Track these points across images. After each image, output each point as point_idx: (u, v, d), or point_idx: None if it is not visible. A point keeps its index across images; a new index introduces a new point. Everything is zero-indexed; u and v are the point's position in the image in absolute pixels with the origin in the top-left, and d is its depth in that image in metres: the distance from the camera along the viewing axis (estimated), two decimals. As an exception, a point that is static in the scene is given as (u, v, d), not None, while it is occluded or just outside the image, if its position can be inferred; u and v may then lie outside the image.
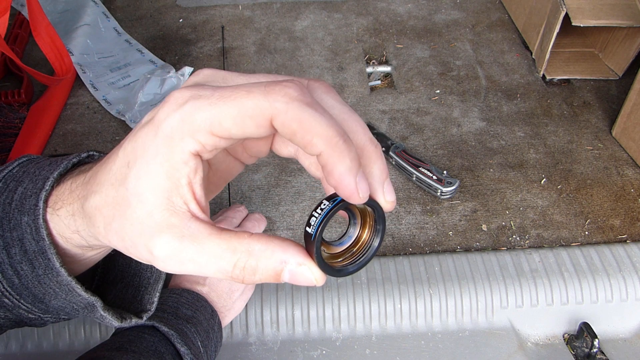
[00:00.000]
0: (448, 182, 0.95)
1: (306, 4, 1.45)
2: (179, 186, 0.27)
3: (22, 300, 0.34)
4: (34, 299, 0.34)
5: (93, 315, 0.35)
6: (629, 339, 0.83)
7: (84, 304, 0.34)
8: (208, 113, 0.25)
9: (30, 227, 0.31)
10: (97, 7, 1.39)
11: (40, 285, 0.33)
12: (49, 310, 0.35)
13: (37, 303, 0.34)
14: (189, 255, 0.26)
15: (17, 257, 0.32)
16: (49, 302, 0.34)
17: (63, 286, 0.32)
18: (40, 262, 0.32)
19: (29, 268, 0.32)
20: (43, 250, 0.31)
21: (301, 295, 0.82)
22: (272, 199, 0.97)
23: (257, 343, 0.81)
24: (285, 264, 0.26)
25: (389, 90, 1.21)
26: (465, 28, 1.39)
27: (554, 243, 0.91)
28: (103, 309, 0.34)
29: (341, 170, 0.25)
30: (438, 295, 0.82)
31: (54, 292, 0.33)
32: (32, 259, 0.32)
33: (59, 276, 0.32)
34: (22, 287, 0.33)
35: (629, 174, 1.02)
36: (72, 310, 0.35)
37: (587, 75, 1.24)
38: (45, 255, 0.31)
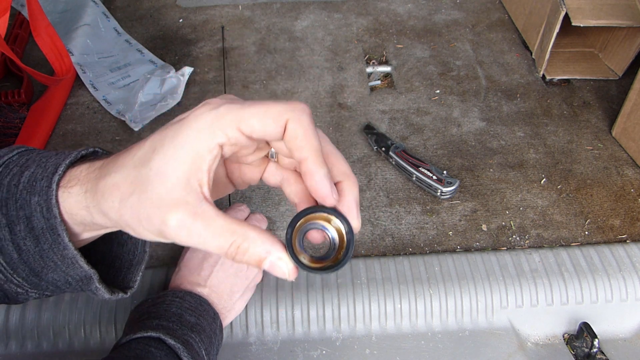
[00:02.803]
0: (448, 182, 0.95)
1: (306, 4, 1.45)
2: (199, 171, 0.32)
3: (14, 275, 0.37)
4: (29, 273, 0.37)
5: (86, 288, 0.39)
6: (629, 339, 0.83)
7: (81, 276, 0.37)
8: (238, 112, 0.32)
9: (40, 207, 0.35)
10: (97, 7, 1.39)
11: (41, 259, 0.36)
12: (40, 285, 0.38)
13: (31, 277, 0.37)
14: (197, 230, 0.31)
15: (21, 234, 0.35)
16: (44, 276, 0.37)
17: (66, 259, 0.36)
18: (47, 238, 0.35)
19: (33, 244, 0.36)
20: (53, 227, 0.35)
21: (301, 295, 0.82)
22: (272, 199, 0.97)
23: (257, 343, 0.81)
24: (269, 254, 0.32)
25: (389, 90, 1.21)
26: (465, 28, 1.39)
27: (554, 243, 0.91)
28: (99, 282, 0.38)
29: (321, 175, 0.34)
30: (438, 295, 0.82)
31: (54, 266, 0.37)
32: (38, 235, 0.35)
33: (66, 250, 0.36)
34: (19, 262, 0.36)
35: (629, 174, 1.02)
36: (64, 284, 0.39)
37: (587, 75, 1.24)
38: (54, 232, 0.35)
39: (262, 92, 1.20)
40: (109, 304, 0.80)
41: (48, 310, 0.80)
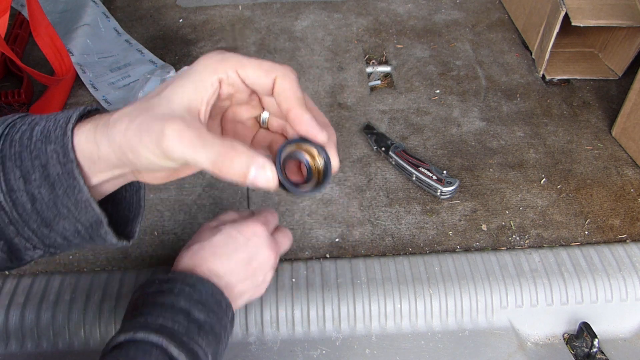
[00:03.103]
0: (448, 182, 0.95)
1: (306, 4, 1.45)
2: (200, 99, 0.37)
3: (25, 227, 0.39)
4: (40, 224, 0.39)
5: (95, 234, 0.41)
6: (628, 339, 0.83)
7: (91, 222, 0.40)
8: (239, 60, 0.38)
9: (57, 153, 0.37)
10: (97, 7, 1.39)
11: (54, 207, 0.38)
12: (49, 237, 0.40)
13: (42, 228, 0.39)
14: (190, 139, 0.35)
15: (35, 182, 0.38)
16: (55, 225, 0.39)
17: (80, 203, 0.38)
18: (62, 183, 0.38)
19: (48, 191, 0.38)
20: (69, 171, 0.37)
21: (301, 295, 0.82)
22: (272, 199, 0.97)
23: (257, 343, 0.81)
24: (253, 163, 0.35)
25: (389, 90, 1.21)
26: (465, 28, 1.39)
27: (553, 243, 0.91)
28: (108, 225, 0.41)
29: (308, 117, 0.39)
30: (438, 295, 0.82)
31: (67, 213, 0.39)
32: (53, 182, 0.37)
33: (80, 193, 0.38)
34: (32, 212, 0.38)
35: (629, 173, 1.02)
36: (72, 234, 0.40)
37: (587, 75, 1.24)
38: (70, 175, 0.37)
39: (262, 92, 1.20)
40: (109, 305, 0.80)
41: (48, 310, 0.80)
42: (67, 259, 0.88)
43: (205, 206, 0.96)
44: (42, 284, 0.83)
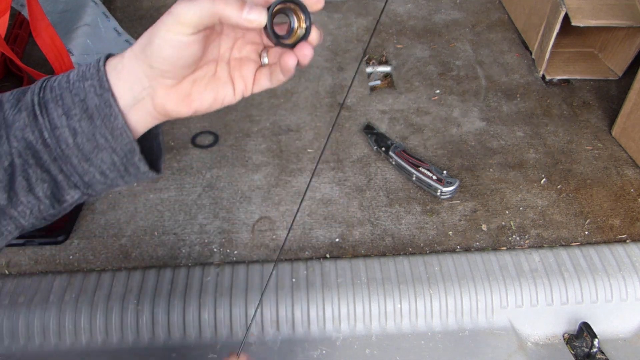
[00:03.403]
0: (448, 182, 0.95)
1: (306, 4, 1.45)
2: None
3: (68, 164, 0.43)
4: (81, 158, 0.43)
5: (129, 164, 0.44)
6: (628, 339, 0.83)
7: (126, 150, 0.43)
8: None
9: (94, 87, 0.42)
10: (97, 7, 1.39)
11: (93, 138, 0.42)
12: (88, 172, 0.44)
13: (82, 163, 0.43)
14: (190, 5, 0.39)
15: (76, 116, 0.42)
16: (94, 158, 0.43)
17: (115, 130, 0.42)
18: (99, 113, 0.42)
19: (87, 123, 0.42)
20: (106, 100, 0.41)
21: (301, 295, 0.82)
22: (272, 199, 0.97)
23: (257, 343, 0.81)
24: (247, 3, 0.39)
25: (389, 90, 1.21)
26: (465, 28, 1.39)
27: (553, 243, 0.91)
28: (140, 152, 0.44)
29: None
30: (438, 295, 0.82)
31: (104, 142, 0.42)
32: (92, 113, 0.42)
33: (116, 120, 0.42)
34: (74, 146, 0.42)
35: (629, 173, 1.02)
36: (109, 166, 0.44)
37: (587, 75, 1.24)
38: (107, 104, 0.42)
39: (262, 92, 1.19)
40: (110, 304, 0.80)
41: (49, 310, 0.80)
42: (67, 259, 0.88)
43: (205, 206, 0.96)
44: (42, 284, 0.83)
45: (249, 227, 0.93)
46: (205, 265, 0.87)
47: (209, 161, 1.04)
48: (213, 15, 0.39)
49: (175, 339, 0.80)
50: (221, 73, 0.46)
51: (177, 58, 0.42)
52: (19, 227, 0.45)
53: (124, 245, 0.90)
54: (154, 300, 0.81)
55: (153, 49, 0.41)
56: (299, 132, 1.10)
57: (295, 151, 1.06)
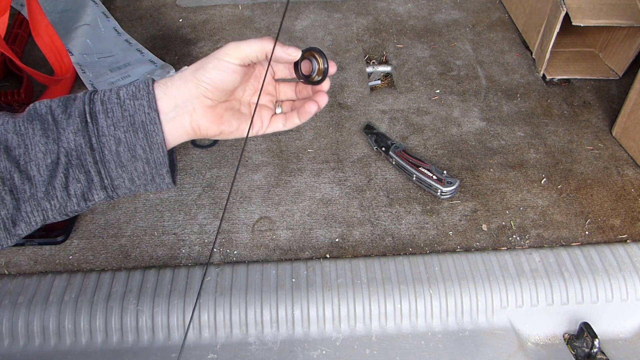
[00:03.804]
0: (448, 182, 0.95)
1: (306, 4, 1.45)
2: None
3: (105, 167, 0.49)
4: (118, 164, 0.50)
5: (157, 174, 0.52)
6: (629, 339, 0.83)
7: (158, 162, 0.51)
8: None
9: (143, 107, 0.49)
10: (97, 7, 1.39)
11: (133, 148, 0.49)
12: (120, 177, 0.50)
13: (118, 169, 0.50)
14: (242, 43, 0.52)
15: (123, 128, 0.49)
16: (129, 166, 0.50)
17: (154, 144, 0.50)
18: (144, 128, 0.49)
19: (131, 135, 0.49)
20: (152, 118, 0.49)
21: (301, 295, 0.82)
22: (272, 199, 0.97)
23: (257, 343, 0.81)
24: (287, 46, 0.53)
25: (389, 90, 1.21)
26: (465, 28, 1.39)
27: (554, 243, 0.90)
28: (171, 167, 0.53)
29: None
30: (438, 295, 0.82)
31: (142, 153, 0.50)
32: (137, 127, 0.49)
33: (157, 136, 0.50)
34: (115, 153, 0.49)
35: (629, 173, 1.02)
36: (139, 174, 0.51)
37: (587, 75, 1.24)
38: (153, 121, 0.49)
39: (262, 92, 1.20)
40: (110, 304, 0.80)
41: (49, 310, 0.80)
42: (67, 259, 0.88)
43: (205, 206, 0.96)
44: (42, 284, 0.83)
45: (249, 227, 0.93)
46: (205, 265, 0.87)
47: (209, 161, 1.04)
48: (261, 50, 0.52)
49: (175, 339, 0.80)
50: (244, 110, 0.57)
51: (220, 81, 0.51)
52: (45, 219, 0.50)
53: (123, 245, 0.90)
54: (154, 300, 0.81)
55: (205, 71, 0.51)
56: (299, 132, 1.10)
57: (295, 151, 1.06)
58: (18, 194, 0.48)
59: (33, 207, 0.49)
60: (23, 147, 0.48)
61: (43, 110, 0.49)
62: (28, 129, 0.48)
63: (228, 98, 0.55)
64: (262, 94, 0.58)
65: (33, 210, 0.49)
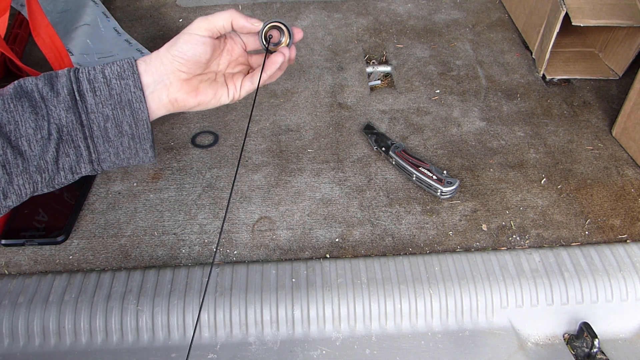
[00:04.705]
0: (448, 182, 0.95)
1: (306, 3, 1.45)
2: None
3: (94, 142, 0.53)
4: (105, 139, 0.53)
5: (141, 147, 0.55)
6: (629, 339, 0.83)
7: (142, 137, 0.54)
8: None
9: (129, 85, 0.53)
10: (97, 7, 1.39)
11: (120, 124, 0.53)
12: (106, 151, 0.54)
13: (105, 144, 0.53)
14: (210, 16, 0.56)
15: (111, 106, 0.52)
16: (116, 141, 0.53)
17: (140, 121, 0.54)
18: (131, 106, 0.53)
19: (119, 112, 0.53)
20: (138, 97, 0.53)
21: (301, 295, 0.82)
22: (272, 199, 0.97)
23: (257, 343, 0.81)
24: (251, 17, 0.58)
25: (389, 90, 1.21)
26: (465, 28, 1.39)
27: (554, 243, 0.91)
28: (154, 138, 0.56)
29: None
30: (438, 295, 0.82)
31: (128, 129, 0.53)
32: (124, 105, 0.53)
33: (143, 113, 0.53)
34: (103, 129, 0.52)
35: (629, 173, 1.02)
36: (125, 149, 0.54)
37: (587, 75, 1.24)
38: (138, 99, 0.53)
39: (262, 92, 1.20)
40: (110, 304, 0.80)
41: (49, 310, 0.80)
42: (67, 259, 0.88)
43: (205, 206, 0.96)
44: (42, 284, 0.83)
45: (249, 227, 0.93)
46: (205, 265, 0.87)
47: (209, 161, 1.04)
48: (227, 20, 0.56)
49: (175, 339, 0.80)
50: (219, 80, 0.61)
51: (192, 54, 0.55)
52: (35, 191, 0.53)
53: (123, 245, 0.90)
54: (154, 300, 0.81)
55: (177, 46, 0.55)
56: (299, 132, 1.10)
57: (295, 151, 1.06)
58: (10, 169, 0.50)
59: (25, 180, 0.51)
60: (13, 124, 0.50)
61: (29, 87, 0.51)
62: (17, 106, 0.50)
63: (203, 71, 0.58)
64: (235, 64, 0.62)
65: (25, 182, 0.51)
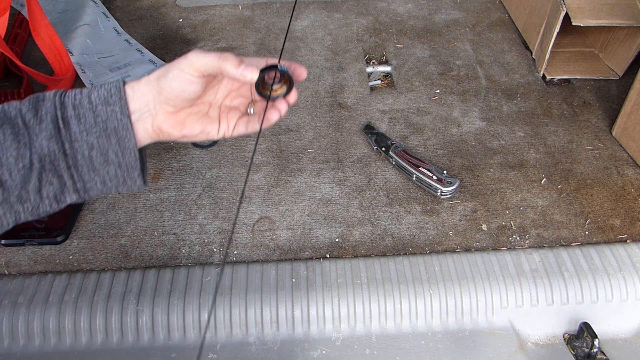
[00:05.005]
0: (448, 182, 0.95)
1: (306, 4, 1.45)
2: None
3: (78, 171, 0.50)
4: (90, 168, 0.50)
5: (128, 176, 0.52)
6: (629, 339, 0.83)
7: (130, 165, 0.52)
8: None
9: (115, 112, 0.50)
10: (97, 7, 1.39)
11: (106, 153, 0.50)
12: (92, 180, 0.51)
13: (90, 172, 0.51)
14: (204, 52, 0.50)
15: (96, 134, 0.50)
16: (102, 170, 0.51)
17: (126, 150, 0.51)
18: (117, 134, 0.50)
19: (104, 141, 0.50)
20: (125, 124, 0.50)
21: (301, 295, 0.82)
22: (272, 199, 0.97)
23: (257, 343, 0.81)
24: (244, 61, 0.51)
25: (389, 90, 1.21)
26: (465, 28, 1.39)
27: (554, 243, 0.90)
28: (142, 168, 0.53)
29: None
30: (438, 295, 0.82)
31: (114, 157, 0.51)
32: (110, 133, 0.50)
33: (130, 141, 0.51)
34: (88, 158, 0.50)
35: (629, 173, 1.02)
36: (111, 177, 0.52)
37: (587, 75, 1.24)
38: (125, 127, 0.50)
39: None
40: (110, 304, 0.80)
41: (49, 310, 0.80)
42: (67, 259, 0.88)
43: (205, 206, 0.96)
44: (42, 284, 0.83)
45: (249, 227, 0.93)
46: (205, 265, 0.87)
47: (209, 161, 1.04)
48: (217, 67, 0.50)
49: (175, 339, 0.80)
50: (212, 114, 0.57)
51: (181, 91, 0.51)
52: (17, 220, 0.51)
53: (123, 245, 0.90)
54: (153, 300, 0.81)
55: (166, 80, 0.51)
56: (299, 132, 1.10)
57: (295, 151, 1.06)
58: None
59: (6, 210, 0.49)
60: None
61: (12, 113, 0.49)
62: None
63: (194, 103, 0.55)
64: (234, 96, 0.58)
65: (6, 213, 0.49)
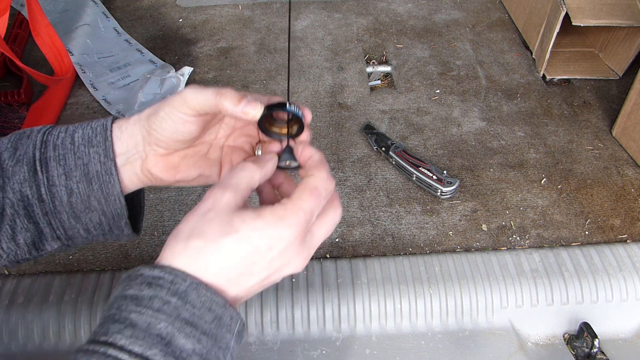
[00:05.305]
0: (448, 182, 0.95)
1: (306, 3, 1.45)
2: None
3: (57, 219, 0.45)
4: (71, 215, 0.45)
5: (115, 225, 0.47)
6: (629, 339, 0.83)
7: (114, 214, 0.46)
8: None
9: (98, 155, 0.44)
10: (97, 7, 1.39)
11: (87, 199, 0.45)
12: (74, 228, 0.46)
13: (71, 220, 0.45)
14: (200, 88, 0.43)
15: (76, 178, 0.44)
16: (83, 217, 0.45)
17: (110, 196, 0.45)
18: (99, 179, 0.45)
19: (85, 186, 0.45)
20: (108, 169, 0.45)
21: (301, 295, 0.82)
22: (272, 198, 0.97)
23: (257, 343, 0.81)
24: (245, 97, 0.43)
25: (389, 90, 1.21)
26: (465, 28, 1.39)
27: (554, 243, 0.90)
28: (128, 218, 0.47)
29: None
30: (438, 295, 0.82)
31: (97, 205, 0.45)
32: (91, 178, 0.44)
33: (114, 188, 0.45)
34: (67, 204, 0.45)
35: (629, 173, 1.02)
36: (95, 225, 0.46)
37: (587, 75, 1.24)
38: (108, 172, 0.45)
39: (262, 92, 1.20)
40: (108, 304, 0.80)
41: (49, 310, 0.80)
42: (67, 259, 0.88)
43: (205, 206, 0.96)
44: (42, 284, 0.83)
45: (249, 227, 0.93)
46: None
47: (209, 161, 1.04)
48: (214, 106, 0.43)
49: (175, 339, 0.80)
50: (213, 155, 0.49)
51: (174, 131, 0.44)
52: None
53: (123, 245, 0.90)
54: (153, 300, 0.81)
55: (157, 119, 0.44)
56: (299, 132, 1.10)
57: (295, 151, 1.06)
58: None
59: None
60: None
61: None
62: None
63: (190, 145, 0.47)
64: (239, 135, 0.50)
65: None
